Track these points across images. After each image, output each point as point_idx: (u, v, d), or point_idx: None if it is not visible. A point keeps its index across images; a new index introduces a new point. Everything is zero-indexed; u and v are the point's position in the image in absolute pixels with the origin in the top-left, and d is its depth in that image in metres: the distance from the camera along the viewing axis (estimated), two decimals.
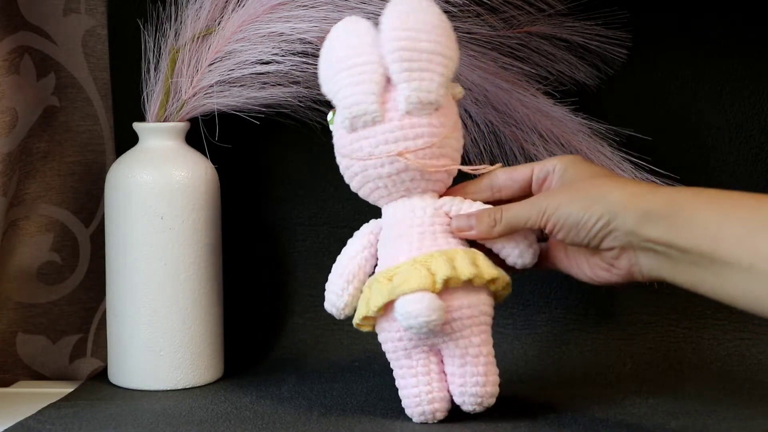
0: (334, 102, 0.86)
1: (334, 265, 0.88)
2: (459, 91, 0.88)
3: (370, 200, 0.88)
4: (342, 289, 0.87)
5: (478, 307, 0.84)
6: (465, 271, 0.82)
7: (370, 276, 0.87)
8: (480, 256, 0.84)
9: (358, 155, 0.85)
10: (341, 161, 0.87)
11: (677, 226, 0.77)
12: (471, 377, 0.84)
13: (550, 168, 0.85)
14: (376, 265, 0.87)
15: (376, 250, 0.87)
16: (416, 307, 0.80)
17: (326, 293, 0.88)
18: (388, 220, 0.87)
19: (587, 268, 0.84)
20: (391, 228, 0.86)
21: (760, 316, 0.77)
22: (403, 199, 0.86)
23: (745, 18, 1.04)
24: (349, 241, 0.89)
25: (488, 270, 0.84)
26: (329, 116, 0.88)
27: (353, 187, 0.88)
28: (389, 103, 0.84)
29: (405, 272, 0.82)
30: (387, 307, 0.83)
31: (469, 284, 0.83)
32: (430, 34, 0.84)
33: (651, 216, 0.78)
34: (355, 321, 0.86)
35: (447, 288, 0.82)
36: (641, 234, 0.78)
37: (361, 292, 0.86)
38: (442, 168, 0.85)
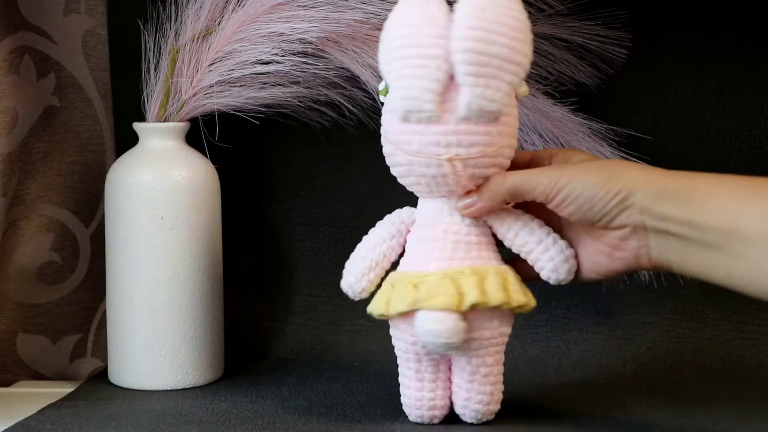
0: (388, 83, 0.80)
1: (359, 246, 0.85)
2: (524, 90, 0.82)
3: (408, 189, 0.83)
4: (362, 275, 0.84)
5: (498, 329, 0.82)
6: (494, 297, 0.79)
7: (393, 264, 0.84)
8: (511, 277, 0.81)
9: (406, 148, 0.80)
10: (386, 147, 0.82)
11: (696, 203, 0.75)
12: (476, 395, 0.82)
13: (554, 152, 0.84)
14: (402, 253, 0.84)
15: (405, 242, 0.84)
16: (438, 327, 0.78)
17: (345, 272, 0.85)
18: (424, 215, 0.83)
19: (586, 255, 0.81)
20: (425, 226, 0.83)
21: None
22: (444, 199, 0.82)
23: (745, 18, 1.04)
24: (379, 224, 0.85)
25: (517, 297, 0.80)
26: (381, 86, 0.82)
27: (393, 172, 0.82)
28: (448, 104, 0.78)
29: (433, 285, 0.79)
30: (408, 313, 0.80)
31: (495, 309, 0.80)
32: (505, 37, 0.77)
33: (669, 193, 0.76)
34: (371, 310, 0.83)
35: (473, 310, 0.79)
36: (658, 211, 0.76)
37: (381, 279, 0.84)
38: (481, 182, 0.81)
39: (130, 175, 0.97)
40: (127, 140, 1.02)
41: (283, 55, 0.98)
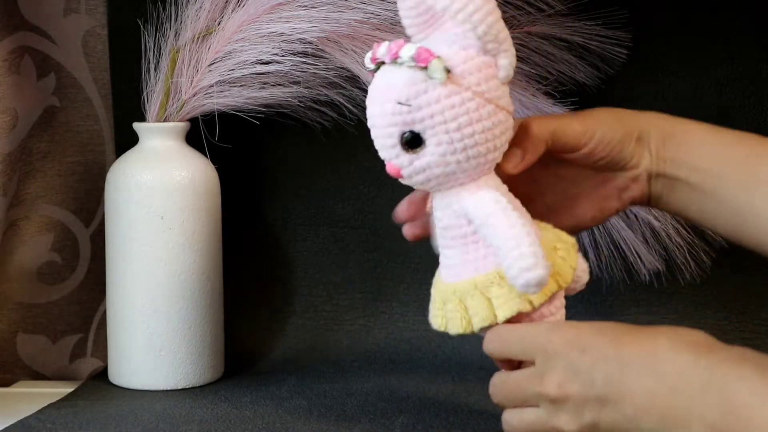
0: (501, 46, 0.76)
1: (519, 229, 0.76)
2: None
3: (487, 163, 0.76)
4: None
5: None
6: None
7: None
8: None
9: (509, 108, 0.77)
10: (486, 107, 0.75)
11: (690, 146, 0.82)
12: None
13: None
14: None
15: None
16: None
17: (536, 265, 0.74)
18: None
19: (590, 203, 0.83)
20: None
21: None
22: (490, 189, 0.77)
23: (745, 18, 1.04)
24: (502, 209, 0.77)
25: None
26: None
27: (491, 138, 0.75)
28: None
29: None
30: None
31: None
32: None
33: (670, 136, 0.82)
34: (447, 329, 0.78)
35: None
36: (662, 153, 0.81)
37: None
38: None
39: (130, 175, 0.97)
40: (127, 140, 1.02)
41: (283, 55, 0.98)
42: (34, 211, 1.07)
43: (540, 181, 0.84)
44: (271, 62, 0.98)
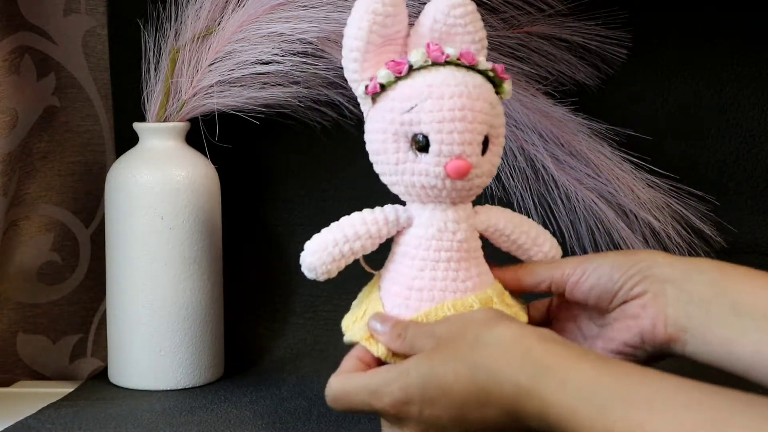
0: None
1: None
2: None
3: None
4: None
5: None
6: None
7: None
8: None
9: None
10: None
11: (730, 282, 0.73)
12: None
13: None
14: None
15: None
16: None
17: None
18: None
19: (609, 340, 0.78)
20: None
21: None
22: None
23: (745, 18, 1.04)
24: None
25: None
26: None
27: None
28: None
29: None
30: None
31: None
32: None
33: (698, 269, 0.75)
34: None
35: None
36: (685, 285, 0.75)
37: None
38: None
39: (130, 175, 0.97)
40: (127, 140, 1.02)
41: (283, 55, 0.98)
42: (34, 211, 1.07)
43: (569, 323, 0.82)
44: (271, 62, 0.98)
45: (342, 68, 0.80)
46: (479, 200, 0.80)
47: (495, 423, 0.68)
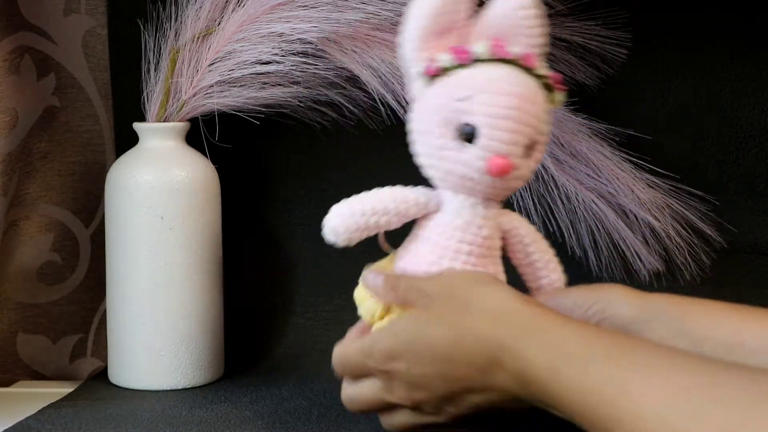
0: None
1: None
2: None
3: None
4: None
5: None
6: None
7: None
8: None
9: None
10: None
11: (692, 318, 0.75)
12: None
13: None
14: None
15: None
16: None
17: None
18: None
19: None
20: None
21: None
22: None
23: (745, 18, 1.04)
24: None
25: None
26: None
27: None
28: None
29: None
30: None
31: None
32: None
33: (654, 308, 0.77)
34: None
35: None
36: (645, 326, 0.76)
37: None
38: None
39: (130, 175, 0.97)
40: (127, 140, 1.02)
41: (283, 55, 0.98)
42: (34, 211, 1.07)
43: None
44: (271, 62, 0.98)
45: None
46: None
47: (480, 385, 0.70)
